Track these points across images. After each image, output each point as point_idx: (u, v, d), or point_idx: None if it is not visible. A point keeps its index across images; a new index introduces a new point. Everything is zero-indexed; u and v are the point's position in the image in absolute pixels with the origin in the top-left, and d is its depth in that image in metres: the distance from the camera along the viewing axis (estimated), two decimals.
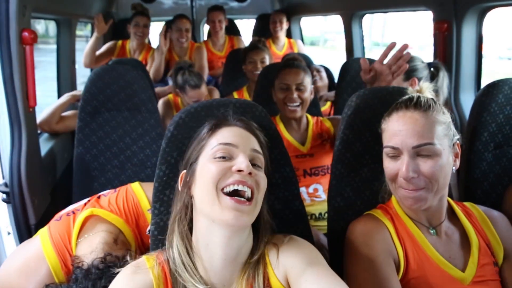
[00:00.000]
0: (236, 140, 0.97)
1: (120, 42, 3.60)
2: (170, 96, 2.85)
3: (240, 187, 0.91)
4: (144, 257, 0.98)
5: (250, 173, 0.92)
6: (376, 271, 1.05)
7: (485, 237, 1.15)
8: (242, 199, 0.90)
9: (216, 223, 0.92)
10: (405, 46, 1.52)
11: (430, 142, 1.05)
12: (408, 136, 1.06)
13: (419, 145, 1.05)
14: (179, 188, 1.02)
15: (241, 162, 0.92)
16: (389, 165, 1.11)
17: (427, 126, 1.06)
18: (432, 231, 1.13)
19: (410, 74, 2.05)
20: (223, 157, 0.94)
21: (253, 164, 0.96)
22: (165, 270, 0.95)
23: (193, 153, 1.00)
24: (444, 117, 1.09)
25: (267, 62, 2.85)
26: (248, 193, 0.92)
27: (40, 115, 2.43)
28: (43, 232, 1.44)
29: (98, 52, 3.48)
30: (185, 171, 1.01)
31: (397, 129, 1.08)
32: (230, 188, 0.91)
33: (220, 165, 0.93)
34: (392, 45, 1.56)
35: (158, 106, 2.63)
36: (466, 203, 1.22)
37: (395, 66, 1.51)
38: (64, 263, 1.39)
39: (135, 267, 0.95)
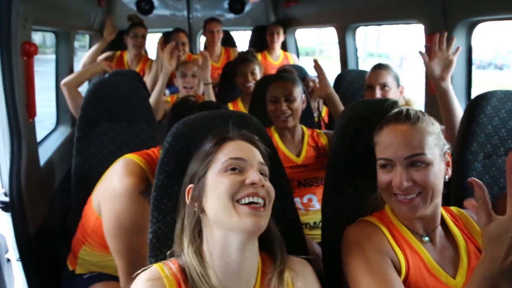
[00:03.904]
0: (244, 154, 1.01)
1: (118, 52, 3.63)
2: (168, 98, 2.94)
3: (255, 199, 0.95)
4: (155, 265, 1.00)
5: (262, 185, 0.97)
6: (373, 269, 1.07)
7: (473, 240, 1.17)
8: (258, 205, 0.96)
9: (234, 231, 0.96)
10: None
11: (421, 152, 1.09)
12: (400, 148, 1.10)
13: (411, 155, 1.09)
14: (187, 203, 1.04)
15: (254, 175, 0.97)
16: (382, 175, 1.14)
17: (417, 137, 1.10)
18: (426, 239, 1.15)
19: (398, 82, 2.15)
20: (235, 169, 0.99)
21: (262, 174, 1.01)
22: (178, 279, 0.97)
23: (200, 168, 1.03)
24: (433, 127, 1.14)
25: (258, 73, 2.87)
26: (261, 203, 0.96)
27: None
28: None
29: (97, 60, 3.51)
30: (191, 185, 1.04)
31: (389, 141, 1.13)
32: (245, 200, 0.95)
33: (233, 178, 0.97)
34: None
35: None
36: (452, 208, 1.25)
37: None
38: None
39: (150, 274, 0.97)
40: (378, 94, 2.15)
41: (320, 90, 2.18)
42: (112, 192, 1.42)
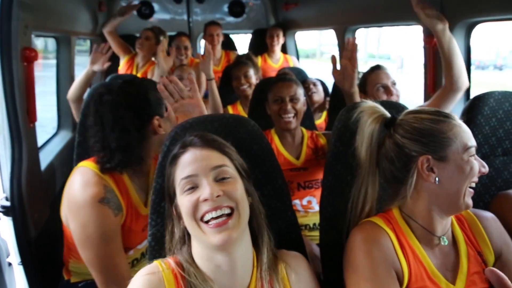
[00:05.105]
0: (194, 168, 0.99)
1: (131, 54, 3.71)
2: None
3: (214, 214, 0.95)
4: (155, 261, 1.03)
5: (218, 196, 0.95)
6: (377, 281, 1.04)
7: (476, 245, 1.15)
8: (221, 219, 0.94)
9: (209, 248, 0.97)
10: (353, 40, 1.83)
11: None
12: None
13: None
14: (175, 217, 1.06)
15: (205, 191, 0.95)
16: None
17: None
18: (444, 240, 1.13)
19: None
20: (191, 188, 0.98)
21: (222, 178, 0.99)
22: (175, 273, 0.99)
23: (171, 188, 1.05)
24: None
25: (253, 76, 2.86)
26: (227, 212, 0.96)
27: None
28: None
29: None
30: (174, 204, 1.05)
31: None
32: (207, 217, 0.95)
33: (190, 198, 0.97)
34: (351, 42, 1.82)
35: None
36: None
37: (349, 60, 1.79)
38: None
39: (149, 269, 1.00)
40: (394, 92, 2.09)
41: (344, 81, 1.82)
42: (74, 204, 1.43)
